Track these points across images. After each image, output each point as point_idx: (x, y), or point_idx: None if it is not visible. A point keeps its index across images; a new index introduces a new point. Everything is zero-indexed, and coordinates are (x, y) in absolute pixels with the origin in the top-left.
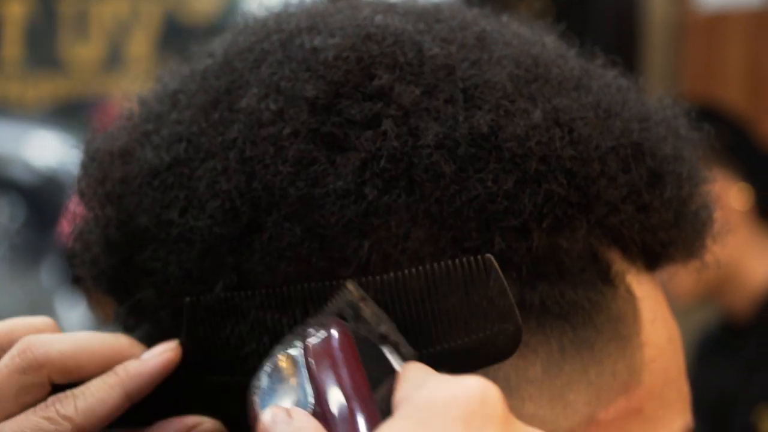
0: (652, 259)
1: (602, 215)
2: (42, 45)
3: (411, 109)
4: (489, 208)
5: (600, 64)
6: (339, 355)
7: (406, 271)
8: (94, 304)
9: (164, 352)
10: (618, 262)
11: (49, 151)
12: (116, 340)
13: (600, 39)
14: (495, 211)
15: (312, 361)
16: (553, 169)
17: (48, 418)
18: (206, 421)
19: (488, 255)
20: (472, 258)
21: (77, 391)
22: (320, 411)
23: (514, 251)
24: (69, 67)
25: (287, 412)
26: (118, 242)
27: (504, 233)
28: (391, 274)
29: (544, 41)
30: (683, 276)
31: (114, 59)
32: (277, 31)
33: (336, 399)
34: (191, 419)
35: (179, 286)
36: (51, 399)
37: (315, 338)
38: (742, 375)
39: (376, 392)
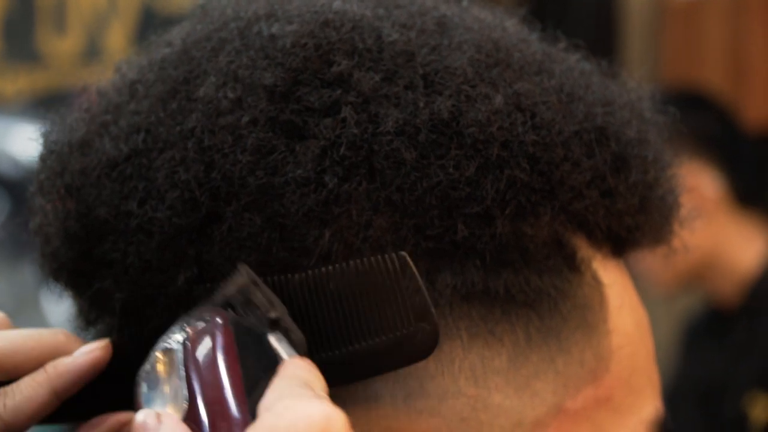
0: (618, 245)
1: (566, 201)
2: (20, 38)
3: (370, 95)
4: (451, 195)
5: (562, 48)
6: (214, 353)
7: (322, 269)
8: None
9: (93, 351)
10: (584, 249)
11: (31, 144)
12: (53, 337)
13: (579, 25)
14: (457, 198)
15: (186, 358)
16: (516, 154)
17: None
18: None
19: (402, 252)
20: (387, 256)
21: (8, 388)
22: (191, 413)
23: (477, 238)
24: (48, 59)
25: (158, 415)
26: (77, 234)
27: (467, 220)
28: (305, 274)
29: (505, 25)
30: (663, 263)
31: (92, 51)
32: (235, 19)
33: (207, 400)
34: (123, 415)
35: (139, 278)
36: None
37: (195, 332)
38: (730, 361)
39: (255, 388)
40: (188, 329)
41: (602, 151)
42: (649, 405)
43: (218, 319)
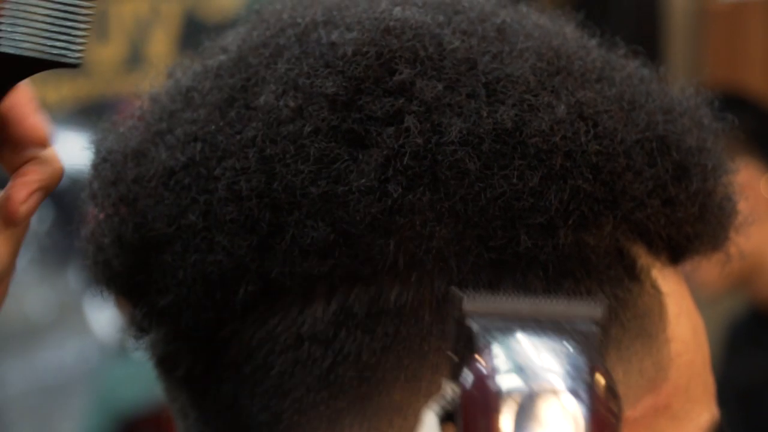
0: (676, 253)
1: (628, 210)
2: None
3: (433, 104)
4: (514, 206)
5: (621, 55)
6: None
7: None
8: (122, 304)
9: None
10: (643, 257)
11: (75, 152)
12: None
13: (621, 29)
14: (520, 208)
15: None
16: (579, 164)
17: None
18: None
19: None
20: None
21: None
22: None
23: (540, 249)
24: (90, 67)
25: None
26: (133, 245)
27: (530, 231)
28: None
29: (565, 32)
30: (709, 266)
31: (135, 58)
32: (292, 25)
33: None
34: None
35: (198, 290)
36: None
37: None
38: None
39: None
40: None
41: (664, 160)
42: (706, 412)
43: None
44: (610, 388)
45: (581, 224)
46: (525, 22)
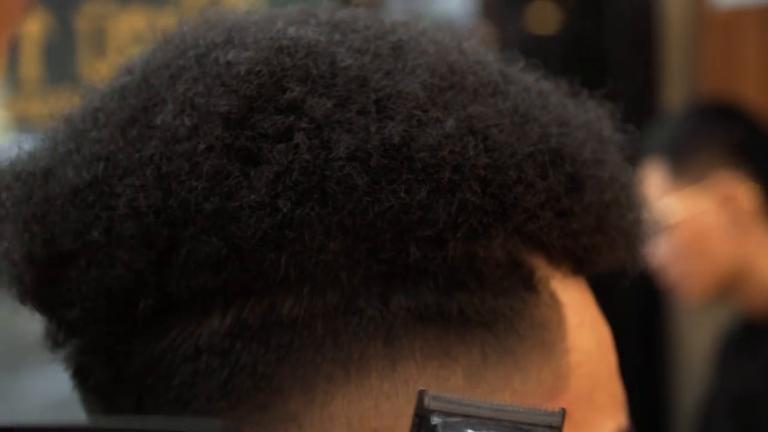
0: (577, 264)
1: (520, 222)
2: (60, 62)
3: (323, 121)
4: (403, 219)
5: (521, 68)
6: None
7: None
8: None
9: None
10: (542, 268)
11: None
12: None
13: (617, 37)
14: (409, 221)
15: None
16: (467, 178)
17: None
18: None
19: None
20: None
21: None
22: None
23: (429, 261)
24: (88, 83)
25: None
26: (41, 260)
27: (419, 243)
28: None
29: (463, 47)
30: (693, 277)
31: None
32: (193, 47)
33: None
34: None
35: (102, 305)
36: None
37: None
38: (764, 374)
39: None
40: None
41: (556, 172)
42: (611, 421)
43: None
44: None
45: (471, 236)
46: (422, 39)
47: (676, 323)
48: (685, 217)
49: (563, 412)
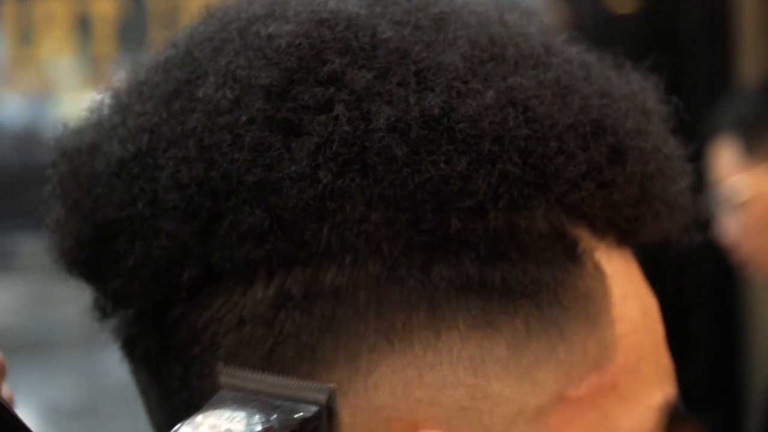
0: (622, 235)
1: (562, 193)
2: (133, 41)
3: (363, 93)
4: (443, 190)
5: (564, 40)
6: None
7: None
8: None
9: None
10: (586, 239)
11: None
12: None
13: (693, 14)
14: (449, 192)
15: None
16: (507, 149)
17: None
18: None
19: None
20: None
21: None
22: None
23: (470, 231)
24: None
25: None
26: (88, 234)
27: (459, 214)
28: None
29: (505, 19)
30: (765, 253)
31: None
32: (236, 20)
33: None
34: None
35: (147, 276)
36: None
37: None
38: None
39: None
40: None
41: (598, 144)
42: (658, 392)
43: None
44: None
45: (512, 207)
46: (463, 11)
47: (749, 299)
48: (756, 193)
49: (332, 390)
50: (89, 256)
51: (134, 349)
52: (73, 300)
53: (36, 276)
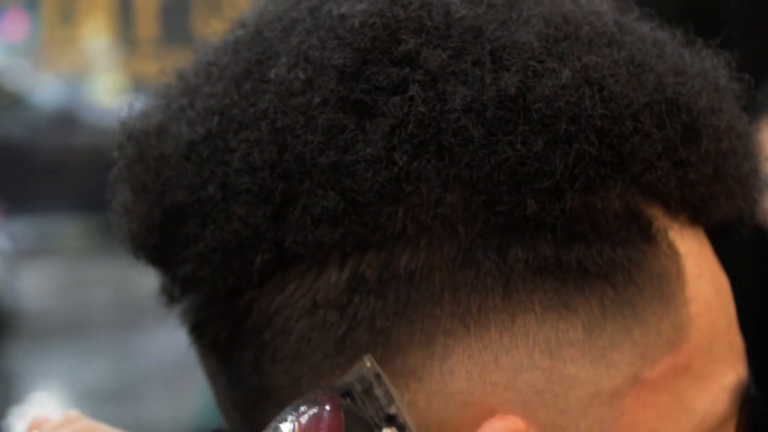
0: (695, 214)
1: (637, 173)
2: (176, 22)
3: (438, 73)
4: (519, 171)
5: (636, 18)
6: None
7: None
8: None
9: None
10: (660, 219)
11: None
12: None
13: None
14: (526, 173)
15: None
16: (584, 128)
17: None
18: None
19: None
20: None
21: None
22: None
23: (547, 212)
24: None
25: None
26: (157, 217)
27: (536, 195)
28: None
29: None
30: None
31: None
32: None
33: None
34: None
35: (218, 260)
36: None
37: (305, 416)
38: None
39: None
40: (299, 411)
41: (673, 122)
42: (731, 372)
43: (328, 406)
44: None
45: (588, 187)
46: None
47: None
48: None
49: (370, 357)
50: (158, 241)
51: (203, 334)
52: (108, 282)
53: (71, 258)
